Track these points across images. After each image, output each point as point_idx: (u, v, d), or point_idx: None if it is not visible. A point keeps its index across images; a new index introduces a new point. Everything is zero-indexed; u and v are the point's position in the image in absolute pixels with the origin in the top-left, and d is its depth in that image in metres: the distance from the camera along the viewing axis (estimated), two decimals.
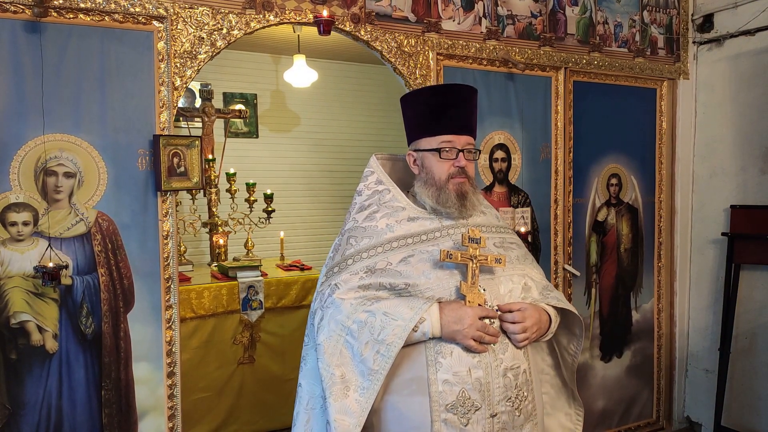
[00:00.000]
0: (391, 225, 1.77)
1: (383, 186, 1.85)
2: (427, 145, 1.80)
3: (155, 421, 2.42)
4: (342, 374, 1.62)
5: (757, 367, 3.58)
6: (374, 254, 1.73)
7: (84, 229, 2.27)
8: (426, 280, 1.70)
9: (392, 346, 1.57)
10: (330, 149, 5.87)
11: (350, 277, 1.71)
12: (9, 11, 2.11)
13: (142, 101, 2.34)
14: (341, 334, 1.65)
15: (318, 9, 2.61)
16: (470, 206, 1.80)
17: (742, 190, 3.63)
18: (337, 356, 1.64)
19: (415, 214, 1.80)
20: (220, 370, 3.70)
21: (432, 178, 1.78)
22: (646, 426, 3.82)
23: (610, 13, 3.51)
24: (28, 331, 2.19)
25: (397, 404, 1.66)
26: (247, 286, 3.75)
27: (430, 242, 1.75)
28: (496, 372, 1.66)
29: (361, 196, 1.86)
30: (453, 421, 1.62)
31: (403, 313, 1.60)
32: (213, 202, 4.42)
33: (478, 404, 1.63)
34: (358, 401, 1.59)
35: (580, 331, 1.96)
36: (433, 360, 1.64)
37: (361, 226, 1.79)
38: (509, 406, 1.67)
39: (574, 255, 3.47)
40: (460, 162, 1.76)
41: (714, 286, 3.79)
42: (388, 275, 1.70)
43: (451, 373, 1.63)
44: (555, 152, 3.34)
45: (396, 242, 1.74)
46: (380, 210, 1.80)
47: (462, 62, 3.02)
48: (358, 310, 1.65)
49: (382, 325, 1.60)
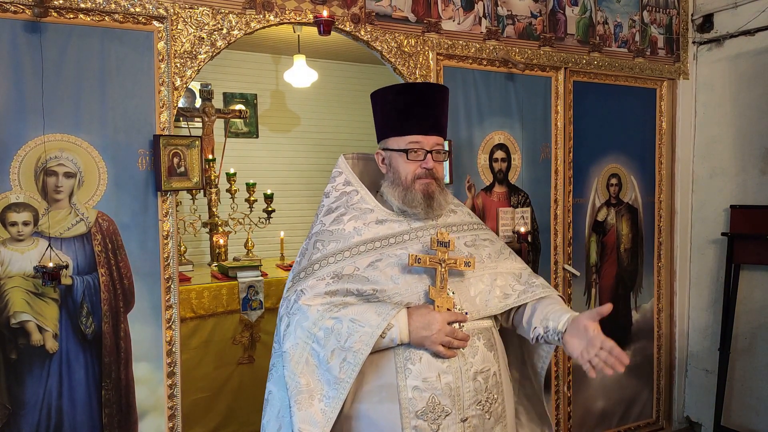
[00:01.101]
0: (359, 228, 1.73)
1: (351, 187, 1.82)
2: (395, 144, 1.77)
3: (155, 421, 2.42)
4: (307, 383, 1.59)
5: (757, 367, 3.58)
6: (341, 259, 1.69)
7: (84, 229, 2.27)
8: (394, 285, 1.67)
9: (359, 354, 1.54)
10: (330, 149, 5.87)
11: (317, 282, 1.67)
12: (9, 11, 2.11)
13: (142, 101, 2.34)
14: (307, 341, 1.62)
15: (318, 9, 2.61)
16: (437, 207, 1.77)
17: (742, 190, 3.63)
18: (302, 364, 1.61)
19: (384, 216, 1.77)
20: (220, 370, 3.70)
21: (399, 179, 1.75)
22: (645, 426, 3.82)
23: (610, 13, 3.51)
24: (29, 331, 2.19)
25: (367, 412, 1.64)
26: (247, 286, 3.75)
27: (398, 246, 1.72)
28: (465, 376, 1.64)
29: (329, 197, 1.83)
30: (423, 427, 1.60)
31: (371, 320, 1.57)
32: (213, 202, 4.42)
33: (448, 409, 1.62)
34: (323, 411, 1.56)
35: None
36: (402, 366, 1.62)
37: (328, 230, 1.76)
38: (479, 410, 1.66)
39: (574, 255, 3.47)
40: (428, 164, 1.73)
41: (714, 286, 3.79)
42: (355, 281, 1.66)
43: (421, 379, 1.61)
44: (555, 152, 3.34)
45: (364, 246, 1.71)
46: (348, 212, 1.77)
47: (462, 62, 3.02)
48: (325, 317, 1.61)
49: (349, 332, 1.56)
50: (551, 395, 3.41)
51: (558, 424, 3.44)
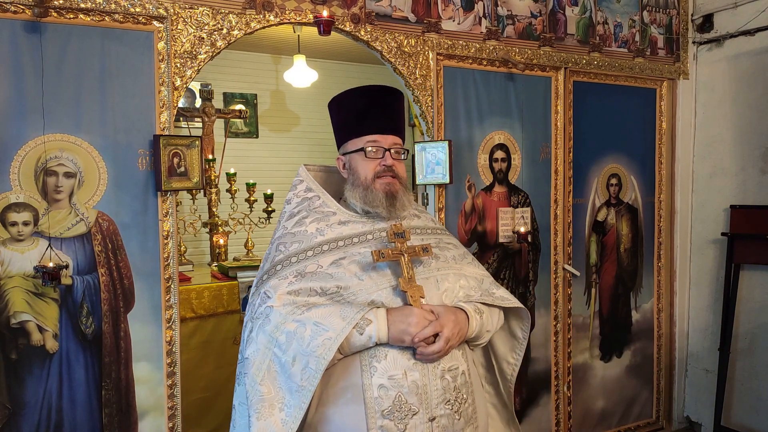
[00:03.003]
0: (322, 229, 1.72)
1: (312, 193, 1.81)
2: (354, 146, 1.77)
3: (155, 421, 2.42)
4: (268, 391, 1.54)
5: (757, 367, 3.58)
6: (304, 258, 1.67)
7: (84, 229, 2.27)
8: (359, 281, 1.64)
9: (321, 360, 1.49)
10: (330, 149, 5.79)
11: (279, 282, 1.64)
12: (9, 11, 2.11)
13: (142, 101, 2.34)
14: (269, 346, 1.57)
15: (318, 9, 2.61)
16: (400, 206, 1.76)
17: (742, 190, 3.63)
18: (264, 371, 1.56)
19: (346, 218, 1.76)
20: (220, 370, 3.70)
21: (358, 179, 1.75)
22: (645, 426, 3.82)
23: (609, 13, 3.51)
24: (29, 331, 2.19)
25: (331, 416, 1.59)
26: (247, 286, 3.75)
27: (361, 244, 1.71)
28: (433, 374, 1.60)
29: (291, 204, 1.82)
30: (390, 427, 1.55)
31: (335, 324, 1.52)
32: (213, 202, 4.42)
33: (415, 408, 1.57)
34: (284, 421, 1.50)
35: (523, 334, 1.91)
36: (367, 364, 1.58)
37: (290, 232, 1.74)
38: (448, 409, 1.62)
39: (574, 255, 3.47)
40: (387, 161, 1.73)
41: (714, 286, 3.79)
42: (318, 279, 1.63)
43: (387, 377, 1.57)
44: (555, 152, 3.34)
45: (327, 245, 1.69)
46: (310, 215, 1.76)
47: (462, 62, 3.02)
48: (288, 320, 1.56)
49: (312, 336, 1.51)
50: (551, 395, 3.41)
51: (558, 424, 3.44)
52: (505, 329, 1.93)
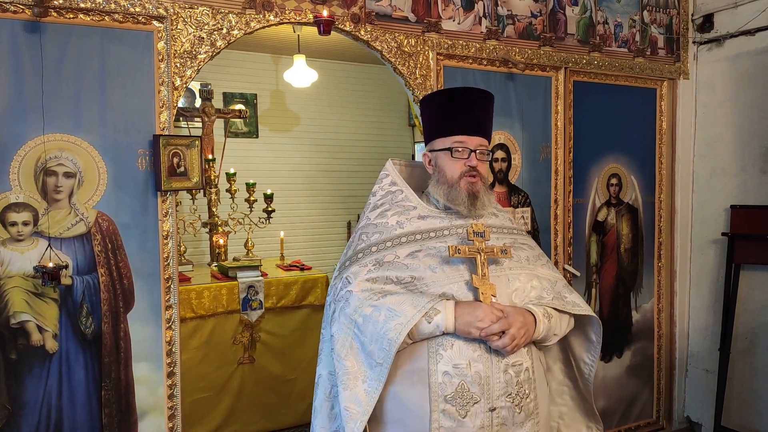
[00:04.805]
0: (402, 222, 1.82)
1: (396, 187, 1.91)
2: (441, 145, 1.85)
3: (155, 421, 2.41)
4: (351, 365, 1.67)
5: (757, 367, 3.58)
6: (383, 248, 1.78)
7: (84, 229, 2.27)
8: (432, 273, 1.73)
9: (393, 342, 1.60)
10: (330, 149, 5.87)
11: (359, 269, 1.76)
12: (9, 11, 2.11)
13: (142, 101, 2.34)
14: (350, 326, 1.70)
15: (318, 9, 2.61)
16: (480, 206, 1.83)
17: (742, 190, 3.63)
18: (347, 348, 1.69)
19: (426, 212, 1.84)
20: (220, 370, 3.70)
21: (444, 176, 1.83)
22: (646, 426, 3.82)
23: (610, 13, 3.51)
24: (28, 331, 2.19)
25: (399, 394, 1.69)
26: (247, 286, 3.75)
27: (438, 239, 1.79)
28: (496, 367, 1.67)
29: (375, 196, 1.92)
30: (451, 412, 1.64)
31: (406, 311, 1.63)
32: (213, 202, 4.42)
33: (477, 397, 1.65)
34: (367, 391, 1.64)
35: (597, 337, 1.96)
36: (434, 351, 1.67)
37: (372, 223, 1.85)
38: (509, 402, 1.68)
39: (574, 255, 3.46)
40: (472, 161, 1.80)
41: (714, 286, 3.79)
42: (395, 268, 1.73)
43: (451, 365, 1.65)
44: (555, 152, 3.33)
45: (405, 238, 1.79)
46: (392, 209, 1.85)
47: (462, 62, 3.02)
48: (365, 305, 1.68)
49: (385, 320, 1.63)
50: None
51: None
52: (581, 331, 1.98)
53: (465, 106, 1.84)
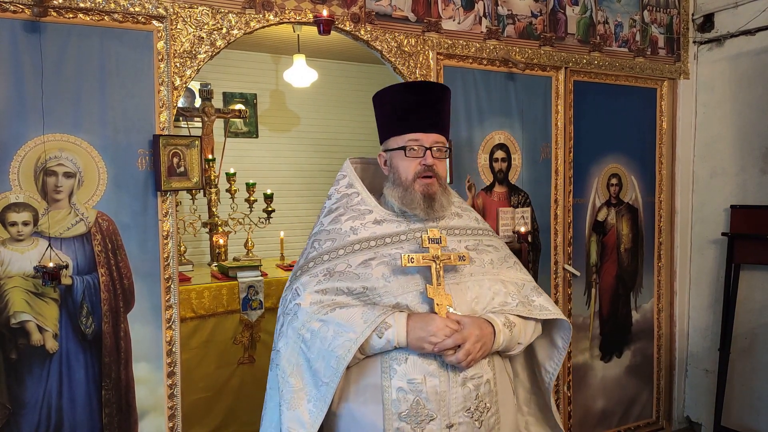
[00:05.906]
0: (356, 227, 1.71)
1: (353, 189, 1.80)
2: (395, 143, 1.75)
3: (155, 421, 2.41)
4: (296, 383, 1.60)
5: (757, 367, 3.58)
6: (335, 257, 1.68)
7: (84, 229, 2.27)
8: (385, 283, 1.64)
9: (341, 360, 1.52)
10: (330, 149, 5.87)
11: (309, 279, 1.67)
12: (9, 11, 2.11)
13: (142, 101, 2.34)
14: (297, 342, 1.62)
15: (318, 9, 2.61)
16: (438, 208, 1.73)
17: (742, 190, 3.63)
18: (293, 365, 1.61)
19: (382, 216, 1.74)
20: (220, 370, 3.70)
21: (399, 178, 1.73)
22: (645, 426, 3.82)
23: (610, 12, 3.51)
24: (28, 331, 2.19)
25: (352, 411, 1.63)
26: (247, 286, 3.75)
27: (394, 245, 1.69)
28: (454, 381, 1.59)
29: (331, 199, 1.82)
30: (406, 430, 1.57)
31: (356, 326, 1.54)
32: (213, 202, 4.41)
33: (432, 414, 1.57)
34: (311, 412, 1.56)
35: (563, 342, 1.87)
36: (387, 366, 1.59)
37: (325, 229, 1.75)
38: (467, 417, 1.60)
39: (574, 255, 3.46)
40: (427, 160, 1.70)
41: (714, 286, 3.79)
42: (346, 278, 1.65)
43: (406, 381, 1.57)
44: (555, 152, 3.33)
45: (358, 245, 1.69)
46: (346, 213, 1.75)
47: (462, 62, 3.02)
48: (313, 319, 1.60)
49: (334, 336, 1.55)
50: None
51: None
52: (546, 336, 1.89)
53: (419, 101, 1.73)
